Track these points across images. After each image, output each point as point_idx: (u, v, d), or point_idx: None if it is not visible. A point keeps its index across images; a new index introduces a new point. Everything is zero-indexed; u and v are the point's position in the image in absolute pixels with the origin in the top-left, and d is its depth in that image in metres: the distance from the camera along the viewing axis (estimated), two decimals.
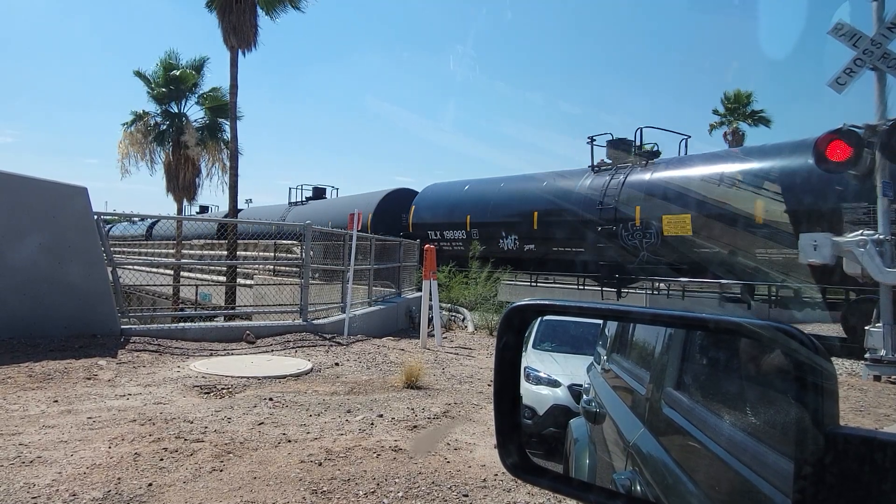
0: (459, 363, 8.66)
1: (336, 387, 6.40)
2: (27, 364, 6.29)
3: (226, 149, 21.11)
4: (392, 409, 5.48)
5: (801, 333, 0.76)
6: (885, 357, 8.45)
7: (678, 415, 1.33)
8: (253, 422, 4.76)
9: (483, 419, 5.33)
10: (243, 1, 17.50)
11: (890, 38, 8.57)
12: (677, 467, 1.24)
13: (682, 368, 1.40)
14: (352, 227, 10.34)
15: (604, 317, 2.15)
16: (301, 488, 3.48)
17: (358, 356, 8.31)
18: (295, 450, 4.13)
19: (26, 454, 3.79)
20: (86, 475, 3.50)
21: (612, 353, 2.49)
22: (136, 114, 22.08)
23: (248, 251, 21.34)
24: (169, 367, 6.83)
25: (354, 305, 10.56)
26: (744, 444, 0.98)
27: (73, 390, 5.57)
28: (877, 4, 8.70)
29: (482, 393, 6.52)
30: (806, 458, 0.72)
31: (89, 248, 7.72)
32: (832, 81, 8.91)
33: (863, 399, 7.16)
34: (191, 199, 22.94)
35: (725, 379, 1.24)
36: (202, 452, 3.97)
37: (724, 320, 0.95)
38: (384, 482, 3.61)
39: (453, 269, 17.51)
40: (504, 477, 3.76)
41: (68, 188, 7.74)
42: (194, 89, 22.29)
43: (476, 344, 11.03)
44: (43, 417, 4.66)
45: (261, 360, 7.52)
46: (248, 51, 18.09)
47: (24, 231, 7.29)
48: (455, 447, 4.46)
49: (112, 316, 7.88)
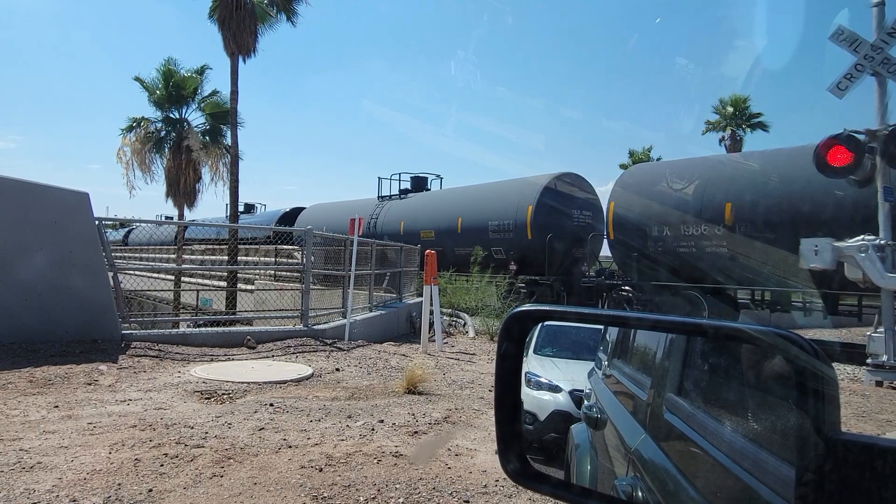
0: (460, 368, 8.65)
1: (337, 392, 6.39)
2: (28, 369, 6.29)
3: (227, 154, 21.15)
4: (393, 414, 5.47)
5: (801, 339, 0.76)
6: (887, 362, 8.43)
7: (679, 420, 1.33)
8: (253, 427, 4.75)
9: (484, 424, 5.32)
10: (243, 9, 17.68)
11: (890, 43, 8.58)
12: (679, 473, 1.24)
13: (684, 374, 1.40)
14: (352, 233, 10.36)
15: (604, 323, 2.14)
16: (302, 494, 3.47)
17: (359, 361, 8.30)
18: (295, 455, 4.12)
19: (27, 460, 3.78)
20: (86, 481, 3.49)
21: (613, 359, 2.49)
22: (135, 120, 22.10)
23: (250, 256, 21.36)
24: (170, 372, 6.82)
25: (355, 311, 10.56)
26: (745, 450, 0.98)
27: (74, 396, 5.56)
28: (877, 10, 8.72)
29: (483, 398, 6.51)
30: (807, 464, 0.72)
31: (90, 253, 7.73)
32: (833, 87, 8.92)
33: (865, 405, 7.14)
34: (191, 205, 22.93)
35: (726, 385, 1.24)
36: (203, 458, 3.96)
37: (724, 326, 0.95)
38: (385, 488, 3.61)
39: (454, 275, 17.56)
40: (505, 483, 3.75)
41: (70, 193, 7.75)
42: (195, 95, 22.35)
43: (477, 349, 11.02)
44: (43, 423, 4.65)
45: (261, 366, 7.52)
46: (247, 57, 18.36)
47: (25, 237, 7.30)
48: (456, 453, 4.45)
49: (113, 321, 7.88)
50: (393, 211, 23.58)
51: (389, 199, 24.71)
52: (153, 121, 22.34)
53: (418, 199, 23.64)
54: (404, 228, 22.21)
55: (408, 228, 22.09)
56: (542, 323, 5.68)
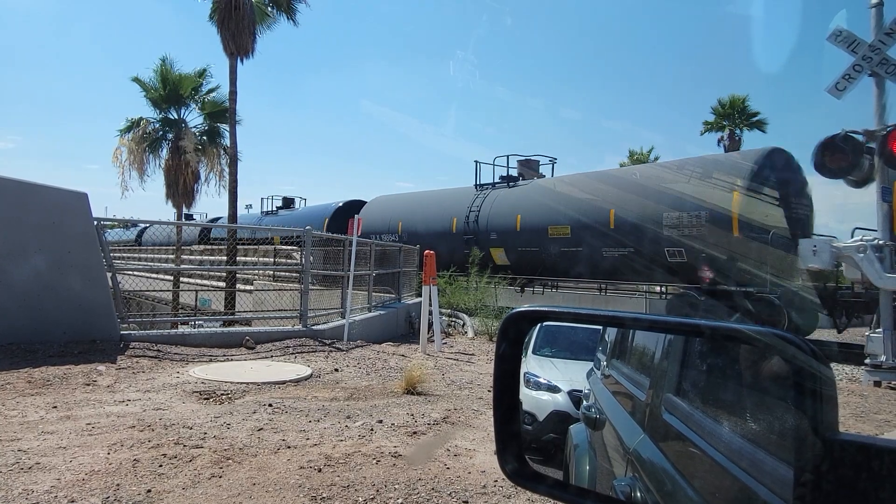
0: (459, 369, 8.65)
1: (336, 392, 6.39)
2: (26, 370, 6.28)
3: (225, 154, 21.13)
4: (392, 414, 5.47)
5: (799, 339, 0.77)
6: (885, 362, 8.44)
7: (678, 421, 1.33)
8: (252, 428, 4.75)
9: (483, 425, 5.32)
10: (241, 9, 17.70)
11: (888, 43, 8.60)
12: (677, 473, 1.24)
13: (682, 374, 1.41)
14: (352, 233, 10.35)
15: (603, 323, 2.15)
16: (300, 494, 3.47)
17: (357, 362, 8.30)
18: (294, 456, 4.12)
19: (25, 460, 3.78)
20: (85, 481, 3.49)
21: (612, 359, 2.49)
22: (132, 120, 22.07)
23: (248, 257, 21.33)
24: (168, 372, 6.81)
25: (354, 311, 10.55)
26: (743, 451, 0.98)
27: (73, 396, 5.55)
28: (875, 10, 8.74)
29: (482, 398, 6.51)
30: (805, 464, 0.72)
31: (89, 253, 7.72)
32: (831, 87, 8.94)
33: (863, 405, 7.15)
34: (189, 206, 22.88)
35: (725, 385, 1.24)
36: (201, 458, 3.96)
37: (722, 326, 0.95)
38: (384, 488, 3.61)
39: (453, 275, 17.47)
40: (504, 483, 3.75)
41: (69, 194, 7.74)
42: (194, 95, 22.33)
43: (476, 349, 11.02)
44: (42, 423, 4.65)
45: (260, 366, 7.51)
46: (246, 57, 18.37)
47: (23, 237, 7.29)
48: (455, 453, 4.45)
49: (112, 321, 7.87)
50: (501, 202, 19.07)
51: (493, 187, 20.47)
52: (151, 121, 22.32)
53: (536, 186, 19.16)
54: (522, 223, 17.82)
55: (528, 223, 17.67)
56: (541, 323, 5.68)
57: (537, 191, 18.46)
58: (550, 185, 18.74)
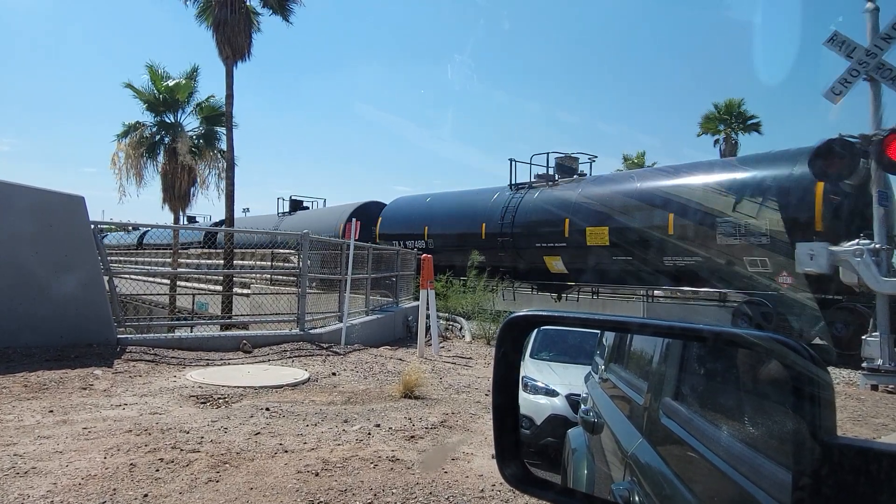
0: (457, 373, 8.64)
1: (333, 396, 6.37)
2: (22, 374, 6.26)
3: (222, 158, 21.10)
4: (389, 418, 5.46)
5: (797, 344, 0.77)
6: (882, 366, 8.46)
7: (676, 425, 1.33)
8: (249, 432, 4.73)
9: (481, 429, 5.31)
10: (237, 12, 17.69)
11: (884, 48, 8.65)
12: (675, 478, 1.24)
13: (680, 379, 1.41)
14: (349, 236, 10.34)
15: (601, 328, 2.15)
16: (298, 499, 3.46)
17: (355, 366, 8.29)
18: (292, 460, 4.11)
19: (21, 465, 3.76)
20: (81, 486, 3.47)
21: (610, 363, 2.49)
22: (129, 125, 22.04)
23: (246, 260, 21.29)
24: (165, 376, 6.79)
25: (352, 315, 10.54)
26: (741, 455, 0.98)
27: (69, 400, 5.53)
28: (871, 15, 8.78)
29: (480, 402, 6.50)
30: (803, 468, 0.73)
31: (86, 257, 7.70)
32: (827, 91, 8.98)
33: (860, 408, 7.16)
34: (185, 209, 22.85)
35: (723, 389, 1.25)
36: (198, 463, 3.95)
37: (721, 331, 0.96)
38: (381, 493, 3.60)
39: (450, 279, 17.44)
40: (502, 487, 3.74)
41: (65, 197, 7.73)
42: (189, 99, 22.33)
43: (473, 353, 11.01)
44: (38, 427, 4.63)
45: (257, 370, 7.50)
46: (241, 60, 18.30)
47: (20, 240, 7.27)
48: (453, 457, 4.44)
49: (108, 325, 7.85)
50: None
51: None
52: (148, 125, 22.30)
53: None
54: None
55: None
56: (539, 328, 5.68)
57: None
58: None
